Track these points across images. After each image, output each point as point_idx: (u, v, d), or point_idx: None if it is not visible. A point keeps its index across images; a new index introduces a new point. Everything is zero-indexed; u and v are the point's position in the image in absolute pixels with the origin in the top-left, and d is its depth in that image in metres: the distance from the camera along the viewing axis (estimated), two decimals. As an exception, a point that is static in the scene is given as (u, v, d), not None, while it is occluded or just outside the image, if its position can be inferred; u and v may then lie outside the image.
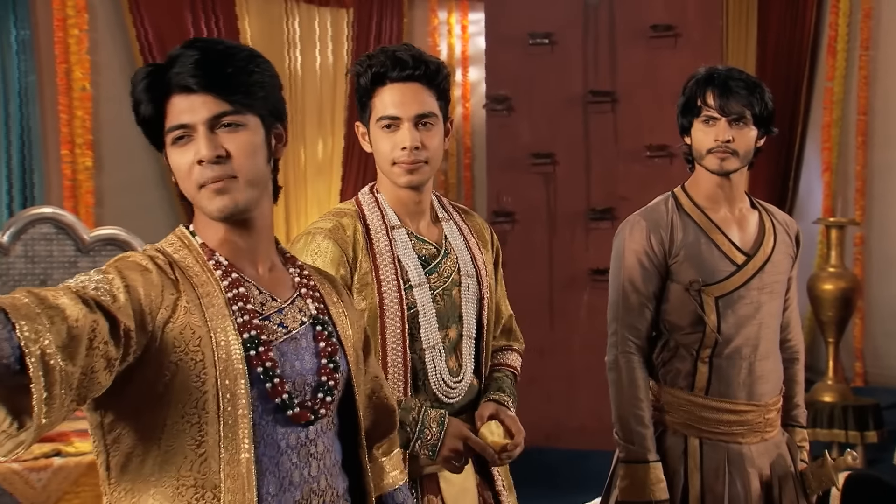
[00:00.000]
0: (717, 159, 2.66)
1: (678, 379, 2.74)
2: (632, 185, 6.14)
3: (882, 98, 7.64)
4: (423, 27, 8.34)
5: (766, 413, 2.73)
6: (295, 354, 1.67)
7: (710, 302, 2.68)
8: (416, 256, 2.35)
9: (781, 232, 2.82)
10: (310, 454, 1.66)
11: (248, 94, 1.60)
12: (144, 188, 7.41)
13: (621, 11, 6.21)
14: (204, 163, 1.58)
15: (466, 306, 2.38)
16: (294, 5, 8.02)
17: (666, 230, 2.73)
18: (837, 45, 7.78)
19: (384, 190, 2.39)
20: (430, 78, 2.29)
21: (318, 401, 1.66)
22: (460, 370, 2.37)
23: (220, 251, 1.67)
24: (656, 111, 6.07)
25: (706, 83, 2.69)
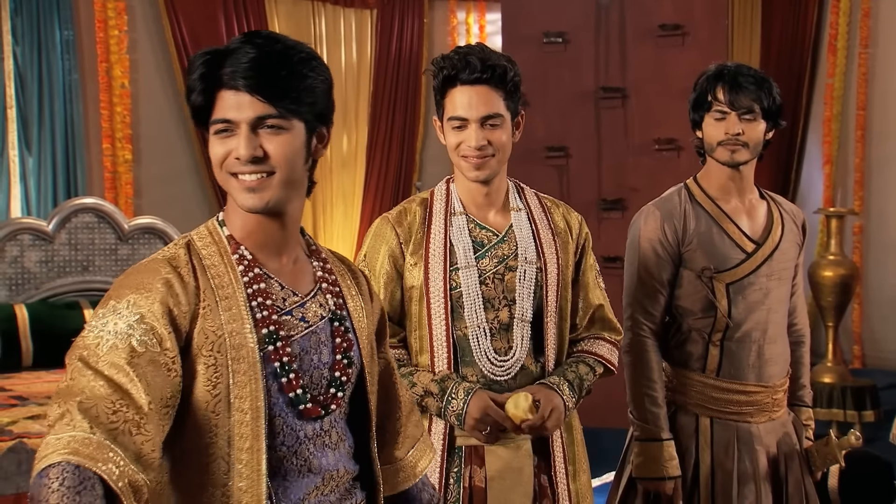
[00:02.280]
0: (727, 151, 2.66)
1: (690, 361, 2.74)
2: (641, 176, 6.12)
3: (880, 94, 7.57)
4: (443, 27, 8.32)
5: (774, 394, 2.73)
6: (315, 348, 1.64)
7: (721, 288, 2.68)
8: (469, 241, 2.38)
9: (789, 221, 2.80)
10: (325, 444, 1.64)
11: (295, 101, 1.55)
12: (180, 179, 7.46)
13: (631, 11, 6.17)
14: (240, 160, 1.54)
15: (521, 290, 2.37)
16: (321, 6, 8.01)
17: (679, 219, 2.72)
18: (838, 43, 7.72)
19: (457, 181, 2.45)
20: (498, 80, 2.29)
21: (330, 395, 1.64)
22: (510, 351, 2.36)
23: (245, 242, 1.63)
24: (664, 106, 6.04)
25: (716, 79, 2.68)
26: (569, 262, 2.46)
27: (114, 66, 7.03)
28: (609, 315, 2.53)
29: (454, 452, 2.36)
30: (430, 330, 2.35)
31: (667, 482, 2.68)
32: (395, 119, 8.12)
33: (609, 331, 2.53)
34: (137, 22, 7.28)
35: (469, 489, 2.34)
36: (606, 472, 5.18)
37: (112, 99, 7.05)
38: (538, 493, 2.39)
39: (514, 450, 2.36)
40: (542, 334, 2.39)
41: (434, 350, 2.34)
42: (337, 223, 8.00)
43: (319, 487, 1.63)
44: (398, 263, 2.38)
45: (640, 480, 2.73)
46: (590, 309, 2.50)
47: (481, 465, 2.34)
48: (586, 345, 2.49)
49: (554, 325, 2.41)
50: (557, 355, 2.43)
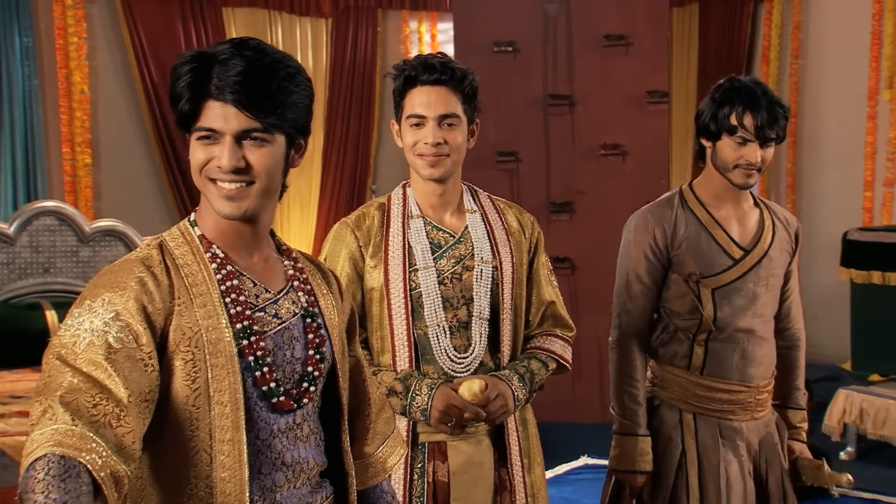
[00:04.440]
0: (743, 176, 2.58)
1: (676, 359, 2.72)
2: (588, 180, 6.17)
3: (810, 103, 7.71)
4: (396, 35, 8.29)
5: (757, 394, 2.70)
6: (288, 344, 1.64)
7: (707, 293, 2.64)
8: (427, 243, 2.38)
9: (781, 229, 2.75)
10: (297, 437, 1.63)
11: (280, 117, 1.54)
12: (139, 183, 7.37)
13: (578, 22, 6.21)
14: (222, 169, 1.53)
15: (478, 289, 2.37)
16: (277, 14, 7.94)
17: (669, 224, 2.68)
18: (770, 54, 7.84)
19: (413, 185, 2.45)
20: (457, 82, 2.32)
21: (302, 390, 1.64)
22: (469, 348, 2.36)
23: (217, 241, 1.62)
24: (610, 113, 6.11)
25: (746, 104, 2.54)
26: (523, 260, 2.47)
27: (73, 72, 6.94)
28: (561, 312, 2.54)
29: (417, 448, 2.36)
30: (392, 330, 2.34)
31: (638, 476, 2.68)
32: (349, 124, 8.08)
33: (562, 327, 2.53)
34: (96, 29, 7.19)
35: (433, 484, 2.33)
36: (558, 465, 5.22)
37: (71, 104, 6.96)
38: (498, 487, 2.39)
39: (475, 444, 2.37)
40: (499, 331, 2.40)
41: (395, 349, 2.34)
42: (293, 226, 7.94)
43: (291, 480, 1.62)
44: (358, 266, 2.38)
45: (614, 472, 2.75)
46: (542, 306, 2.51)
47: (444, 461, 2.35)
48: (539, 341, 2.49)
49: (509, 322, 2.41)
50: (512, 351, 2.43)
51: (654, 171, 6.15)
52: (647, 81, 6.12)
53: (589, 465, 5.27)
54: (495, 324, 2.40)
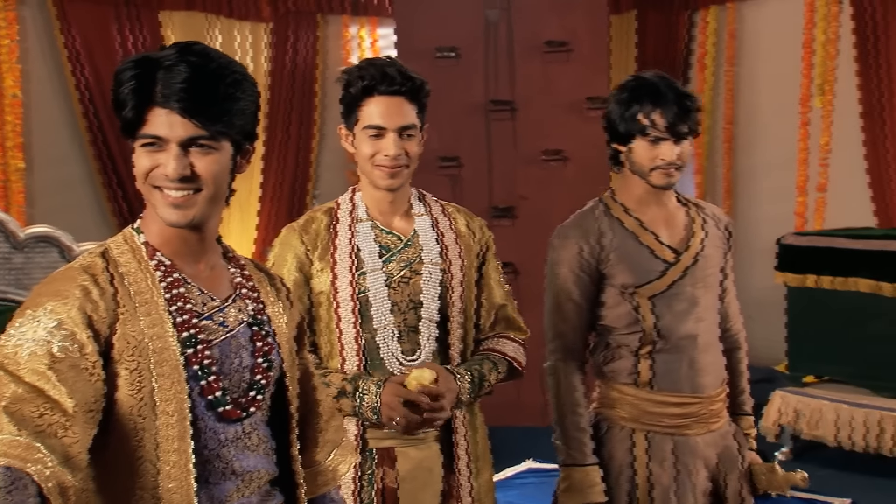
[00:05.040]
0: (664, 176, 2.43)
1: (621, 376, 2.54)
2: (530, 185, 6.20)
3: (745, 109, 7.85)
4: (337, 41, 8.25)
5: (711, 405, 2.53)
6: (235, 352, 1.61)
7: (645, 302, 2.48)
8: (375, 246, 2.36)
9: (711, 226, 2.60)
10: (246, 446, 1.60)
11: (227, 124, 1.51)
12: (73, 188, 7.22)
13: (519, 28, 6.23)
14: (168, 177, 1.49)
15: (427, 292, 2.35)
16: (215, 19, 7.85)
17: (595, 236, 2.51)
18: (706, 62, 7.97)
19: (363, 191, 2.42)
20: (414, 93, 2.31)
21: (250, 398, 1.61)
22: (416, 351, 2.34)
23: (163, 249, 1.58)
24: (552, 119, 6.14)
25: (653, 101, 2.41)
26: (472, 263, 2.45)
27: (4, 75, 6.76)
28: (513, 314, 2.52)
29: (367, 454, 2.33)
30: (340, 334, 2.32)
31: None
32: (290, 129, 8.01)
33: (514, 330, 2.52)
34: (29, 32, 7.01)
35: (382, 490, 2.31)
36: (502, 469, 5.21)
37: (3, 108, 6.78)
38: (446, 493, 2.38)
39: (424, 451, 2.35)
40: (448, 335, 2.38)
41: (344, 353, 2.32)
42: (233, 231, 7.84)
43: (241, 489, 1.59)
44: (305, 270, 2.35)
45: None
46: (493, 308, 2.49)
47: (393, 467, 2.32)
48: (492, 343, 2.48)
49: (459, 326, 2.40)
50: (462, 355, 2.42)
51: (594, 176, 6.17)
52: (587, 87, 6.16)
53: (533, 468, 5.27)
54: (444, 327, 2.38)
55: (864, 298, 5.20)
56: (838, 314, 5.35)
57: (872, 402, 5.14)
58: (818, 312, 5.45)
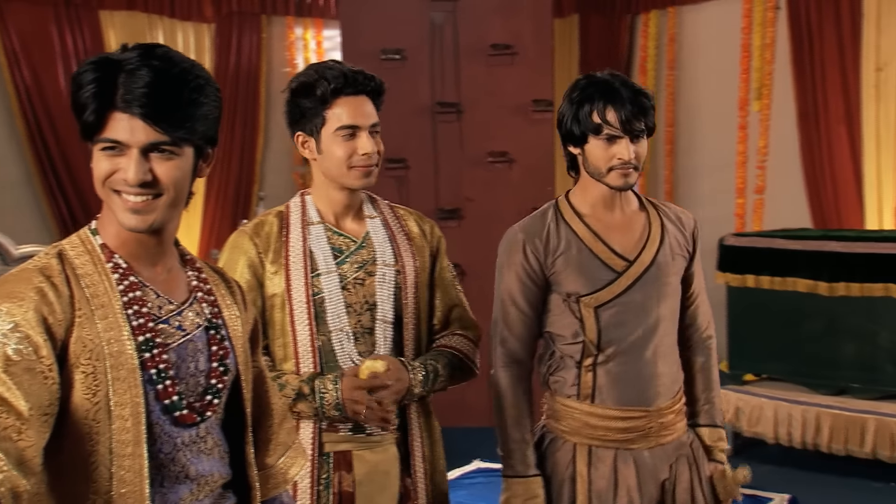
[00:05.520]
0: (621, 177, 2.33)
1: (565, 387, 2.43)
2: (476, 187, 6.23)
3: (685, 112, 7.97)
4: (281, 42, 8.19)
5: (660, 417, 2.41)
6: (191, 356, 1.59)
7: (590, 312, 2.37)
8: (329, 248, 2.35)
9: (672, 231, 2.47)
10: (201, 450, 1.59)
11: (189, 130, 1.49)
12: (12, 190, 7.07)
13: (464, 31, 6.26)
14: (128, 183, 1.47)
15: (381, 293, 2.35)
16: (157, 19, 7.74)
17: (542, 240, 2.40)
18: (647, 65, 8.09)
19: (318, 193, 2.40)
20: (376, 92, 2.34)
21: (206, 402, 1.60)
22: (372, 353, 2.33)
23: (120, 251, 1.56)
24: (497, 121, 6.18)
25: (606, 98, 2.31)
26: (425, 265, 2.46)
27: (-61, 75, 6.59)
28: (467, 314, 2.53)
29: (323, 458, 2.32)
30: (294, 336, 2.30)
31: None
32: (234, 131, 7.93)
33: (468, 329, 2.52)
34: (-35, 31, 6.85)
35: (338, 494, 2.30)
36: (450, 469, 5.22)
37: (-62, 109, 6.60)
38: (403, 496, 2.37)
39: (381, 454, 2.35)
40: (402, 336, 2.39)
41: (299, 356, 2.30)
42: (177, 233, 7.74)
43: (195, 493, 1.58)
44: (258, 273, 2.33)
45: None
46: (447, 309, 2.50)
47: (350, 470, 2.32)
48: (445, 340, 2.48)
49: (413, 327, 2.40)
50: (416, 355, 2.42)
51: (539, 178, 6.24)
52: (532, 90, 6.21)
53: (482, 468, 5.30)
54: (399, 328, 2.38)
55: (802, 298, 5.32)
56: (778, 313, 5.46)
57: (811, 400, 5.26)
58: (758, 312, 5.56)
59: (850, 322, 5.29)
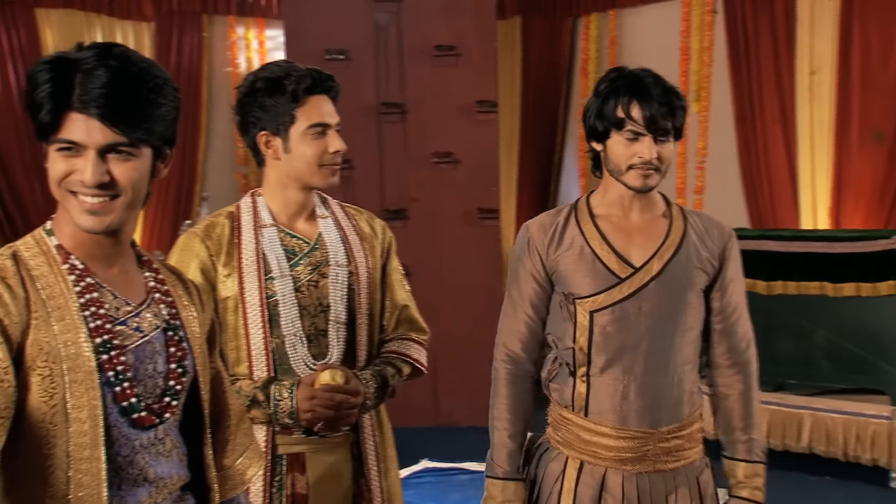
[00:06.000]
0: (640, 177, 2.21)
1: (562, 397, 2.31)
2: (421, 188, 6.26)
3: (626, 113, 8.07)
4: (223, 41, 8.09)
5: (662, 442, 2.24)
6: (149, 358, 1.58)
7: (584, 316, 2.24)
8: (282, 251, 2.33)
9: (695, 242, 2.30)
10: (159, 452, 1.59)
11: (148, 131, 1.47)
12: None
13: (408, 32, 6.29)
14: (85, 184, 1.45)
15: (335, 295, 2.34)
16: (95, 17, 7.58)
17: (548, 236, 2.30)
18: (589, 67, 8.15)
19: (269, 193, 2.38)
20: (336, 92, 2.36)
21: (164, 404, 1.59)
22: (325, 355, 2.33)
23: (76, 252, 1.54)
24: (442, 122, 6.22)
25: (631, 93, 2.20)
26: (377, 265, 2.46)
27: None
28: (415, 315, 2.54)
29: (277, 461, 2.31)
30: (248, 340, 2.29)
31: None
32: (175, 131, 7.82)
33: (416, 331, 2.53)
34: None
35: (292, 496, 2.30)
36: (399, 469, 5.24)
37: None
38: (357, 496, 2.38)
39: (333, 455, 2.35)
40: (355, 337, 2.38)
41: (252, 360, 2.29)
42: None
43: (153, 496, 1.58)
44: (210, 276, 2.30)
45: None
46: (396, 309, 2.50)
47: (303, 472, 2.31)
48: (394, 345, 2.48)
49: (366, 328, 2.40)
50: (368, 357, 2.42)
51: (484, 178, 6.30)
52: (476, 91, 6.27)
53: (429, 468, 5.33)
54: (352, 329, 2.38)
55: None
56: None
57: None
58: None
59: (786, 320, 5.42)
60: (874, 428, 5.10)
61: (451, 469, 5.40)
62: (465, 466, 5.43)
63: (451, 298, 5.97)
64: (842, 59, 6.46)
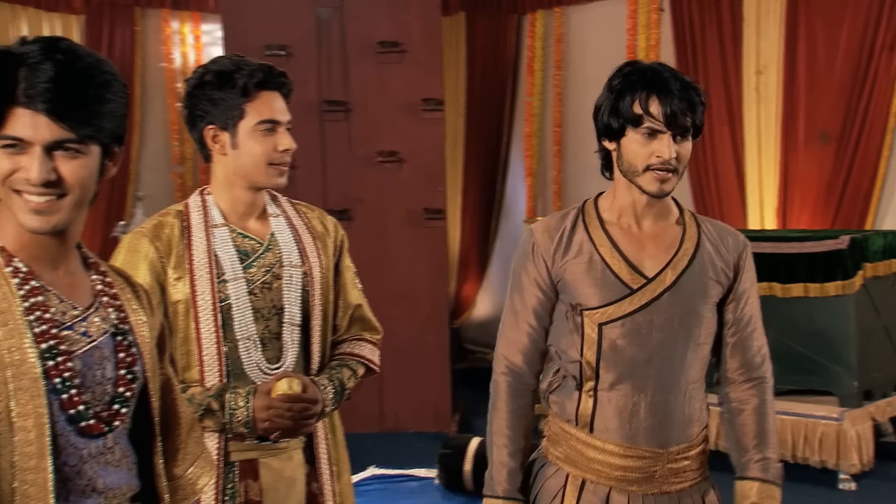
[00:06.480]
0: (656, 180, 2.11)
1: (565, 410, 2.22)
2: (366, 188, 6.25)
3: (573, 112, 8.15)
4: (157, 35, 8.01)
5: (670, 462, 2.16)
6: (97, 363, 1.55)
7: (592, 328, 2.15)
8: (234, 252, 2.31)
9: (709, 252, 2.21)
10: (108, 462, 1.56)
11: (96, 127, 1.45)
12: None
13: (351, 28, 6.27)
14: (31, 182, 1.42)
15: (289, 296, 2.33)
16: (21, 10, 7.45)
17: (554, 242, 2.20)
18: (535, 65, 8.23)
19: (217, 191, 2.36)
20: (289, 89, 2.34)
21: (113, 412, 1.56)
22: (280, 358, 2.32)
23: (20, 254, 1.51)
24: (386, 120, 6.22)
25: (650, 87, 2.10)
26: (329, 264, 2.46)
27: None
28: (368, 315, 2.54)
29: (229, 468, 2.29)
30: (199, 345, 2.26)
31: None
32: (106, 129, 7.71)
33: (369, 331, 2.53)
34: None
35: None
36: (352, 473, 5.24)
37: None
38: (310, 501, 2.37)
39: (286, 461, 2.34)
40: (309, 339, 2.38)
41: (204, 365, 2.26)
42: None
43: None
44: (160, 278, 2.27)
45: None
46: (349, 309, 2.50)
47: (256, 479, 2.30)
48: (348, 347, 2.48)
49: (320, 329, 2.40)
50: (322, 358, 2.42)
51: (430, 178, 6.31)
52: (421, 89, 6.28)
53: (377, 475, 5.33)
54: (306, 331, 2.37)
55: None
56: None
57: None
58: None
59: (735, 320, 5.52)
60: (823, 429, 5.21)
61: (400, 476, 5.40)
62: (413, 473, 5.44)
63: (396, 301, 5.97)
64: (788, 58, 6.63)
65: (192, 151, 8.09)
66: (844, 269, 5.24)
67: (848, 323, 5.31)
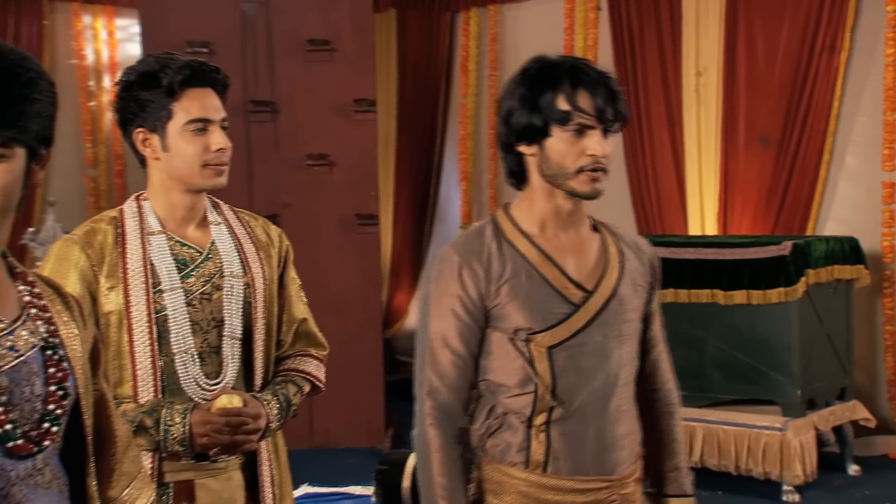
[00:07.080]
0: (589, 181, 2.03)
1: (509, 453, 2.08)
2: (294, 192, 6.20)
3: (508, 114, 8.18)
4: (67, 30, 7.82)
5: (622, 488, 2.11)
6: (26, 380, 1.50)
7: (542, 353, 2.05)
8: (172, 261, 2.27)
9: (631, 259, 2.17)
10: (38, 484, 1.51)
11: (21, 129, 1.40)
12: None
13: (278, 24, 6.22)
14: None
15: (230, 308, 2.30)
16: (-82, 1, 7.22)
17: (483, 265, 2.07)
18: (469, 65, 8.24)
19: (154, 197, 2.32)
20: (222, 86, 2.32)
21: (43, 430, 1.51)
22: (220, 374, 2.28)
23: None
24: (316, 121, 6.17)
25: (575, 80, 2.01)
26: (273, 275, 2.43)
27: None
28: (313, 329, 2.52)
29: (163, 489, 2.25)
30: (133, 358, 2.22)
31: None
32: (13, 130, 7.51)
33: (315, 346, 2.51)
34: None
35: None
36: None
37: None
38: None
39: (224, 481, 2.31)
40: (252, 353, 2.35)
41: (137, 379, 2.22)
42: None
43: None
44: (92, 288, 2.23)
45: None
46: (294, 323, 2.47)
47: (192, 500, 2.26)
48: (293, 362, 2.45)
49: (262, 343, 2.37)
50: (265, 374, 2.39)
51: (362, 182, 6.28)
52: (353, 89, 6.25)
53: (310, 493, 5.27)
54: (248, 345, 2.34)
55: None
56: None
57: (641, 408, 5.50)
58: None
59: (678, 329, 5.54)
60: (766, 440, 5.28)
61: (334, 494, 5.36)
62: (349, 491, 5.39)
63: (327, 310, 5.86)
64: (727, 59, 6.72)
65: (106, 154, 7.92)
66: (787, 276, 5.32)
67: (791, 330, 5.39)
